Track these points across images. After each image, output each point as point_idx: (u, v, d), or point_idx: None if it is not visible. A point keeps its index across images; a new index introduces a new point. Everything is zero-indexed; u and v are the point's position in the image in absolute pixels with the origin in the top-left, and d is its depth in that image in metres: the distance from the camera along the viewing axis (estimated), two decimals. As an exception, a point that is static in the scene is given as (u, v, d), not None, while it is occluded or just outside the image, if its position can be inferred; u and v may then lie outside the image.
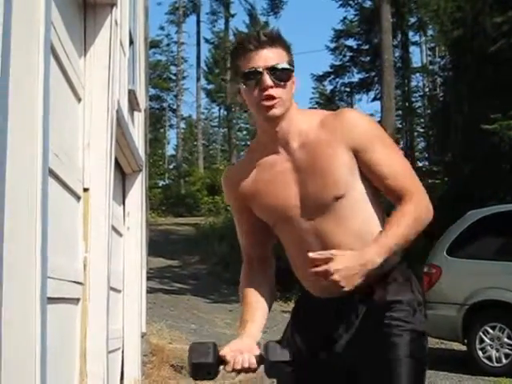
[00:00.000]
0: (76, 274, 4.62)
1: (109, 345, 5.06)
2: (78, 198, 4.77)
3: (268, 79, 2.46)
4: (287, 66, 2.51)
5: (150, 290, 11.96)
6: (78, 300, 4.72)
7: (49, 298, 3.16)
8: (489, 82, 17.57)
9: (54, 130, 3.39)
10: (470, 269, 9.64)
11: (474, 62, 18.93)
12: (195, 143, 51.98)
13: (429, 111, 39.25)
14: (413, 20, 36.60)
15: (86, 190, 4.87)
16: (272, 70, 2.47)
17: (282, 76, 2.49)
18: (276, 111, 2.49)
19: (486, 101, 17.06)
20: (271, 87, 2.46)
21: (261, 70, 2.47)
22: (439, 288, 9.72)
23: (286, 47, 2.54)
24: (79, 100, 4.83)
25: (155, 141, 48.87)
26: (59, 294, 3.92)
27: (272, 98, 2.47)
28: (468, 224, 9.87)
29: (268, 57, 2.48)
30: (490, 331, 9.21)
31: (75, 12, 4.78)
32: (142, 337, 8.22)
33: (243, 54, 2.52)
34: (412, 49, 42.67)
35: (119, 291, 7.26)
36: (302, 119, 2.58)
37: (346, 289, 2.36)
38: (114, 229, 6.25)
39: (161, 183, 45.92)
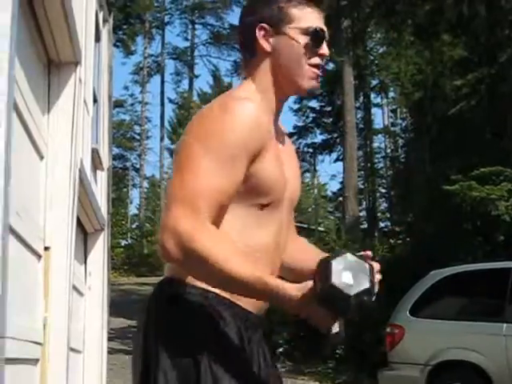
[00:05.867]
0: (35, 334, 4.54)
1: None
2: (39, 256, 4.71)
3: (327, 49, 2.21)
4: None
5: (110, 351, 11.79)
6: (36, 360, 4.63)
7: (7, 359, 3.10)
8: (449, 143, 17.82)
9: (15, 188, 3.36)
10: (432, 329, 9.63)
11: (435, 124, 19.21)
12: (158, 203, 51.86)
13: (391, 172, 39.64)
14: (374, 82, 37.22)
15: (47, 248, 4.82)
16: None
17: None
18: (317, 85, 2.24)
19: (447, 162, 17.28)
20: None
21: (326, 36, 2.20)
22: (402, 348, 9.69)
23: None
24: (41, 158, 4.80)
25: (118, 200, 48.69)
26: (18, 355, 3.84)
27: (323, 70, 2.23)
28: (430, 284, 9.89)
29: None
30: (454, 391, 9.18)
31: (39, 70, 4.78)
32: (103, 399, 8.08)
33: (307, 5, 2.20)
34: (374, 110, 43.09)
35: (79, 352, 7.14)
36: None
37: None
38: (75, 288, 6.18)
39: (123, 243, 45.59)
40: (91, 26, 7.10)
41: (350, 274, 1.79)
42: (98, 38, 8.06)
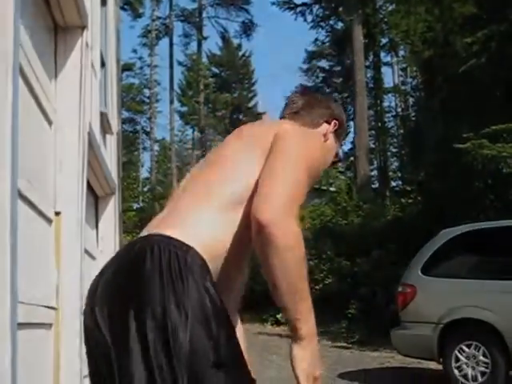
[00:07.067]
0: (48, 298, 4.57)
1: (83, 369, 5.00)
2: (50, 221, 4.72)
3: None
4: None
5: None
6: (50, 325, 4.66)
7: (19, 324, 3.11)
8: (460, 101, 17.70)
9: (24, 154, 3.35)
10: (444, 287, 9.65)
11: (445, 82, 19.06)
12: (169, 165, 51.78)
13: (401, 131, 39.48)
14: (384, 41, 36.93)
15: (57, 213, 4.83)
16: None
17: None
18: None
19: (458, 120, 17.18)
20: None
21: None
22: (414, 307, 9.72)
23: None
24: (50, 123, 4.79)
25: (129, 163, 48.72)
26: (31, 320, 3.87)
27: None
28: (442, 243, 9.89)
29: None
30: (466, 349, 9.20)
31: (45, 35, 4.75)
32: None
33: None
34: (384, 69, 42.86)
35: (93, 315, 7.18)
36: None
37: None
38: (87, 252, 6.20)
39: (135, 206, 45.64)
40: (97, -11, 7.05)
41: None
42: (104, 2, 8.01)
